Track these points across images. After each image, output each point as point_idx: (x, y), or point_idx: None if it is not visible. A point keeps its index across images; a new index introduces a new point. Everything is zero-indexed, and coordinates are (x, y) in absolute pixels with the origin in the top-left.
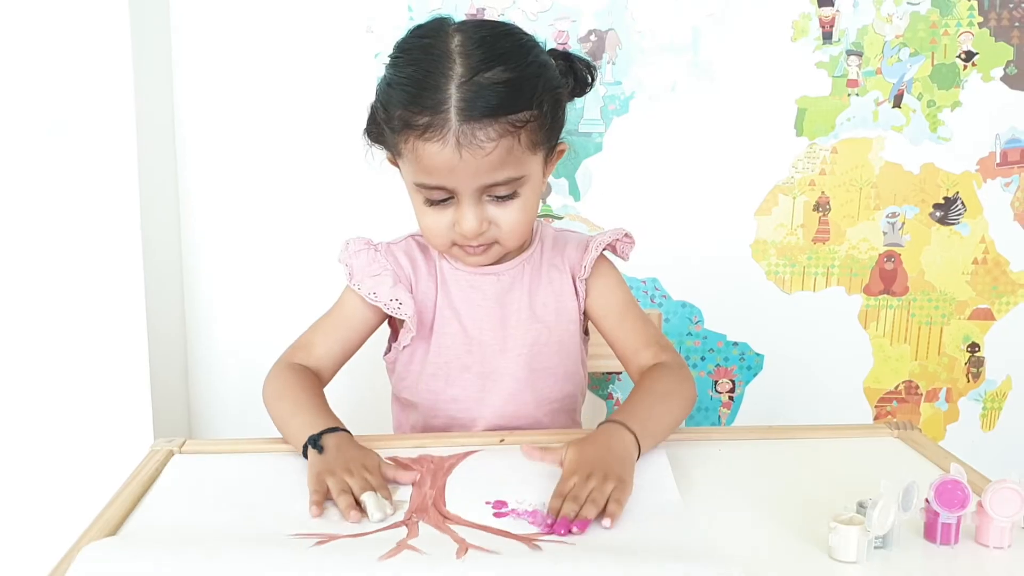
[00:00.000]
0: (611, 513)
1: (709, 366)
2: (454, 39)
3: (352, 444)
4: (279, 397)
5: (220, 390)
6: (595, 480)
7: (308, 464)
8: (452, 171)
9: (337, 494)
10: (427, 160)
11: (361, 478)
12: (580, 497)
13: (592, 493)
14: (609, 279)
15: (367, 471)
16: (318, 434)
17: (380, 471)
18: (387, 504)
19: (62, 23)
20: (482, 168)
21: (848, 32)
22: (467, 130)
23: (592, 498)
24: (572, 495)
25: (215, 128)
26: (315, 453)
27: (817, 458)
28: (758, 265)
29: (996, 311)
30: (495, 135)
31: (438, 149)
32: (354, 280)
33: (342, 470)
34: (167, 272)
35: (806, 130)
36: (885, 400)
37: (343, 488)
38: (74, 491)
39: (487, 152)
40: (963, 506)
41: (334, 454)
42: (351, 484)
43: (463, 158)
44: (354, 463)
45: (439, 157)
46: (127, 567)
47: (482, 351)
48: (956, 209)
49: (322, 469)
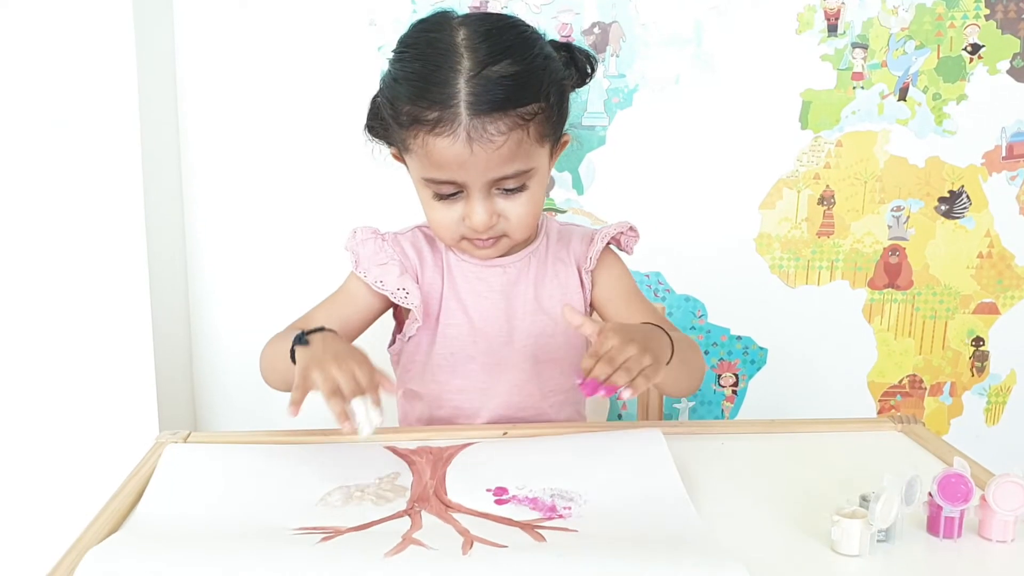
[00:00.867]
0: (636, 385)
1: (713, 360)
2: (459, 33)
3: (338, 339)
4: (271, 344)
5: (225, 383)
6: (633, 348)
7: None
8: (463, 165)
9: (327, 394)
10: (437, 155)
11: (349, 372)
12: (615, 360)
13: (628, 361)
14: (614, 269)
15: (356, 364)
16: (305, 333)
17: (368, 363)
18: (376, 413)
19: (66, 8)
20: (492, 162)
21: (853, 25)
22: (477, 124)
23: (627, 366)
24: (608, 357)
25: (218, 122)
26: (302, 348)
27: (820, 452)
28: (762, 259)
29: (1001, 305)
30: (505, 128)
31: (449, 144)
32: (360, 268)
33: (330, 361)
34: (171, 266)
35: (811, 123)
36: (889, 394)
37: (333, 388)
38: (79, 484)
39: (498, 146)
40: (966, 500)
41: (320, 347)
42: (340, 380)
43: (474, 152)
44: (341, 355)
45: (450, 152)
46: (133, 567)
47: (488, 342)
48: (961, 203)
49: (309, 362)
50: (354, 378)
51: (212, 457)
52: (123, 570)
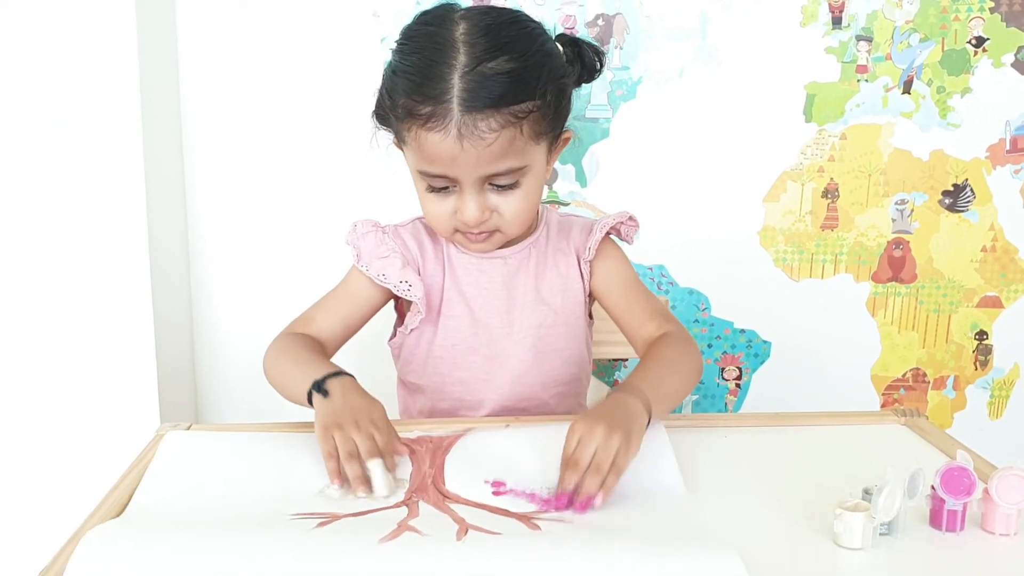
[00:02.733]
0: (607, 487)
1: (716, 353)
2: (459, 27)
3: (357, 391)
4: (280, 357)
5: (227, 376)
6: (599, 434)
7: (315, 412)
8: (453, 161)
9: (345, 458)
10: (429, 149)
11: (368, 435)
12: (582, 462)
13: (596, 455)
14: (613, 258)
15: (374, 426)
16: (322, 378)
17: (387, 423)
18: (391, 478)
19: (67, 3)
20: (483, 158)
21: (858, 17)
22: (469, 121)
23: (595, 463)
24: (573, 460)
25: (220, 115)
26: (320, 399)
27: (823, 445)
28: (766, 252)
29: (1005, 299)
30: (497, 126)
31: (440, 139)
32: (362, 262)
33: (349, 423)
34: (173, 258)
35: (815, 116)
36: (892, 388)
37: (351, 451)
38: (81, 476)
39: (488, 143)
40: (969, 493)
41: (340, 402)
42: (358, 443)
43: (464, 148)
44: (361, 415)
45: (441, 147)
46: (130, 552)
47: (489, 334)
48: (965, 196)
49: (329, 422)
50: (373, 440)
51: (213, 444)
52: (120, 552)
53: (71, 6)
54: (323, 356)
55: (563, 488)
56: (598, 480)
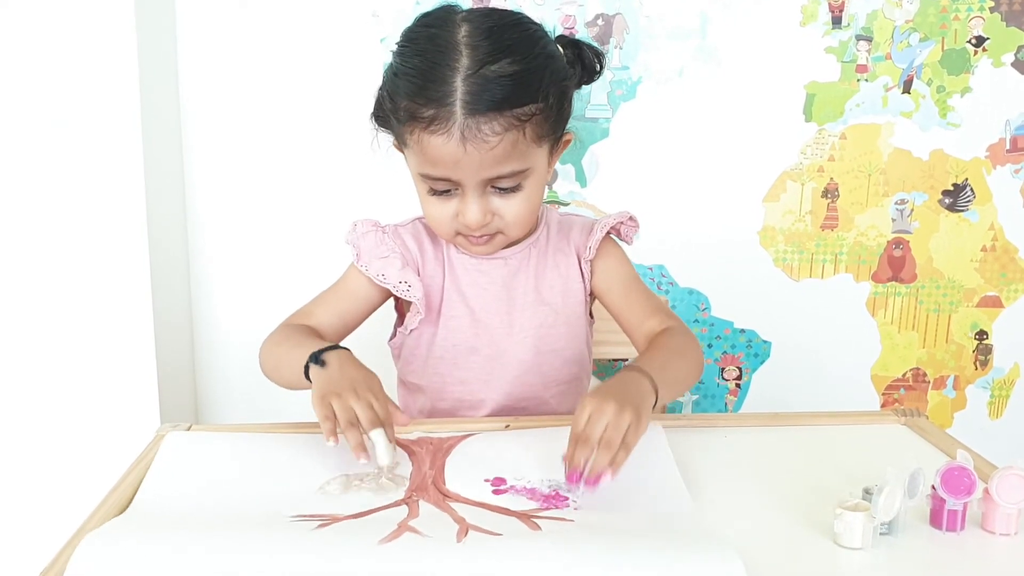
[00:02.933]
0: (617, 463)
1: (716, 353)
2: (461, 29)
3: (354, 362)
4: (278, 344)
5: (227, 376)
6: (610, 410)
7: (312, 382)
8: (456, 164)
9: (345, 425)
10: (432, 152)
11: (367, 404)
12: (593, 438)
13: (607, 431)
14: (613, 258)
15: (372, 395)
16: (319, 351)
17: (384, 394)
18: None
19: (66, 2)
20: (486, 161)
21: (857, 17)
22: (472, 124)
23: (606, 439)
24: (584, 436)
25: (220, 115)
26: (317, 369)
27: (824, 445)
28: (766, 252)
29: (1005, 299)
30: (500, 129)
31: (443, 142)
32: (361, 261)
33: (347, 391)
34: (173, 258)
35: (815, 116)
36: (892, 387)
37: (350, 419)
38: (81, 477)
39: (492, 146)
40: (969, 493)
41: (337, 373)
42: (358, 411)
43: (467, 151)
44: (359, 384)
45: (443, 150)
46: (131, 552)
47: (489, 334)
48: (965, 196)
49: (326, 390)
50: (372, 409)
51: (213, 444)
52: (121, 553)
53: (71, 6)
54: (322, 340)
55: (574, 464)
56: (608, 456)
